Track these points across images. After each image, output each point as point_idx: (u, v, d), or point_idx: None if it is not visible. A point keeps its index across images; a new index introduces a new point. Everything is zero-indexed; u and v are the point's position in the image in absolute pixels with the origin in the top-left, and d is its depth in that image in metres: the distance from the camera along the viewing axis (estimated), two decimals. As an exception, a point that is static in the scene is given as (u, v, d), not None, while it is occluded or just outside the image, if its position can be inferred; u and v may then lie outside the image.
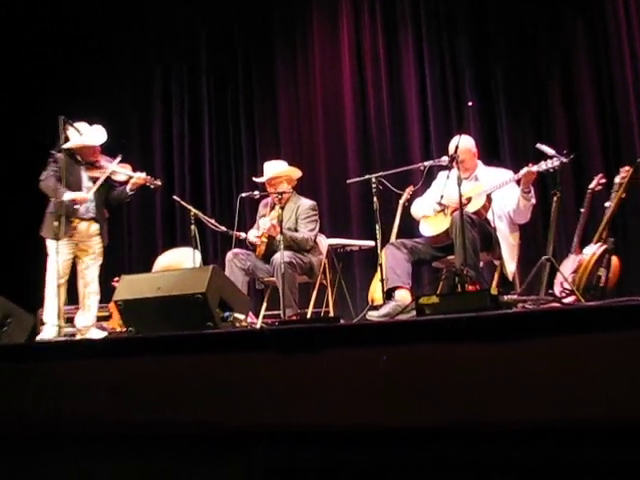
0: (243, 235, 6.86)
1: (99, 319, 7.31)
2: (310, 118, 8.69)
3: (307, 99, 8.67)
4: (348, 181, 6.59)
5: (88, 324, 7.06)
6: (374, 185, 5.92)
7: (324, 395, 3.20)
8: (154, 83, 9.73)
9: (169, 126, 9.56)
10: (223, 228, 6.90)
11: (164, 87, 9.70)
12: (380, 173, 6.06)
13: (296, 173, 7.04)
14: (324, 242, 7.12)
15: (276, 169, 6.96)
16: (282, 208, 6.64)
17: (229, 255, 6.77)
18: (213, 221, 6.97)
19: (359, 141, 8.56)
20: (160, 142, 9.67)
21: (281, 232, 6.29)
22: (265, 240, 6.68)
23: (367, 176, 6.06)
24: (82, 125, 6.78)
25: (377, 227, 5.74)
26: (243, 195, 6.68)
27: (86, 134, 6.75)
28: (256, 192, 6.77)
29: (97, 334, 6.98)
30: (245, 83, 9.08)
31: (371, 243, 7.47)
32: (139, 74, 9.76)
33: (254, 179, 7.16)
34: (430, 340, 3.10)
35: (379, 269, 5.88)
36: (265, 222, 6.65)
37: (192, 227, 6.77)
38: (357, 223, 8.45)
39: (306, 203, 6.90)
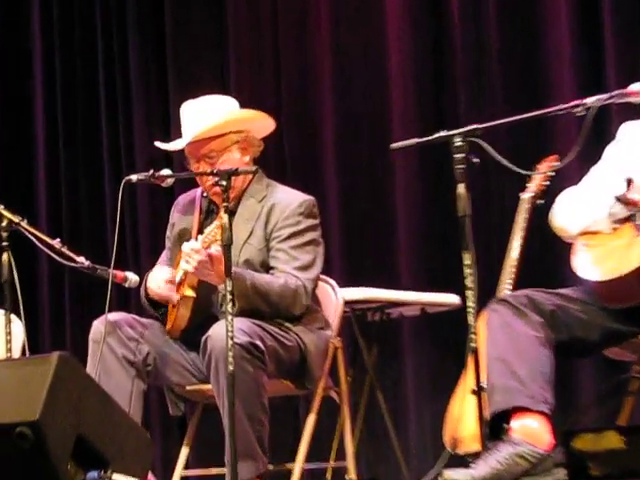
0: (132, 278, 3.72)
1: None
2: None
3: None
4: (394, 146, 3.43)
5: None
6: (460, 156, 3.17)
7: None
8: None
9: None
10: (82, 260, 3.68)
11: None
12: (476, 126, 3.20)
13: (262, 123, 3.88)
14: (334, 297, 3.99)
15: (212, 117, 3.77)
16: (231, 212, 3.46)
17: (97, 328, 3.71)
18: (57, 243, 3.70)
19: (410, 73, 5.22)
20: None
21: (228, 273, 3.29)
22: (190, 294, 3.66)
23: (443, 133, 3.25)
24: None
25: (466, 257, 3.17)
26: (133, 179, 3.56)
27: None
28: (164, 171, 3.62)
29: None
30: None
31: (451, 299, 4.60)
32: None
33: (159, 145, 3.95)
34: None
35: (471, 362, 3.22)
36: (190, 247, 3.53)
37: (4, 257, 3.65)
38: (411, 251, 5.18)
39: (291, 200, 3.76)
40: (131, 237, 5.46)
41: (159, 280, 3.58)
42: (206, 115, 3.68)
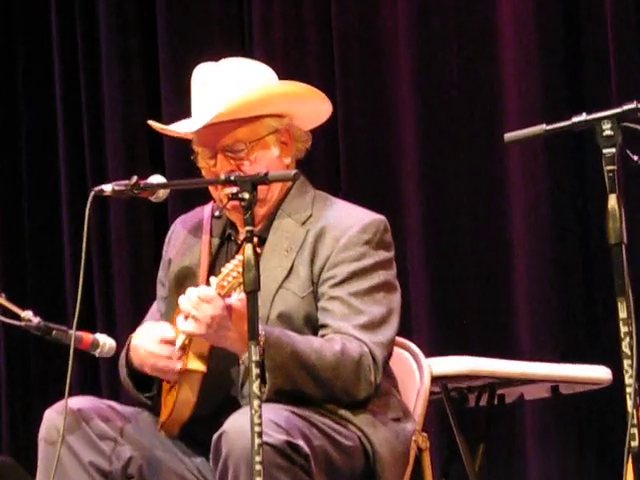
0: (105, 342, 2.80)
1: None
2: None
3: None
4: (508, 136, 2.63)
5: None
6: (611, 151, 2.55)
7: None
8: None
9: None
10: (29, 316, 2.76)
11: None
12: (637, 104, 2.50)
13: (314, 106, 3.05)
14: (418, 371, 3.22)
15: (242, 89, 2.92)
16: (260, 241, 2.62)
17: (52, 421, 2.90)
18: None
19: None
20: None
21: (255, 334, 2.50)
22: (197, 368, 2.79)
23: (583, 116, 2.60)
24: None
25: (621, 307, 2.51)
26: (106, 190, 2.66)
27: None
28: (154, 178, 2.74)
29: None
30: None
31: (597, 373, 3.85)
32: None
33: (155, 126, 2.99)
34: None
35: (631, 471, 2.47)
36: (199, 295, 2.65)
37: None
38: (535, 302, 4.44)
39: (351, 221, 2.91)
40: (101, 281, 4.56)
41: (151, 341, 2.79)
42: (233, 86, 2.90)
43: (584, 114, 2.57)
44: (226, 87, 2.96)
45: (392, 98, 4.62)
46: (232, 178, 2.70)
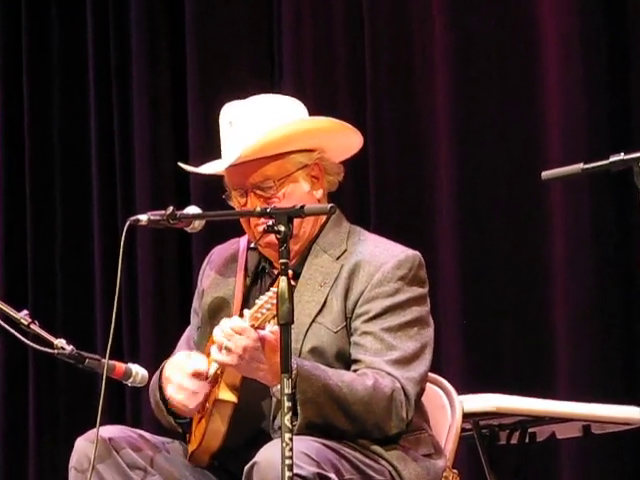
0: (138, 372, 2.78)
1: None
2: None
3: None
4: (546, 175, 2.70)
5: None
6: None
7: None
8: None
9: None
10: (62, 344, 2.76)
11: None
12: None
13: (344, 139, 3.07)
14: (449, 408, 3.22)
15: (269, 127, 2.95)
16: (294, 275, 2.67)
17: (83, 450, 2.89)
18: (24, 317, 2.80)
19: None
20: None
21: (286, 369, 2.54)
22: (228, 399, 2.82)
23: (623, 155, 2.65)
24: None
25: None
26: (142, 219, 2.70)
27: None
28: (191, 209, 2.78)
29: None
30: None
31: (631, 413, 3.81)
32: None
33: (185, 167, 3.09)
34: None
35: None
36: (232, 326, 2.69)
37: None
38: (572, 339, 4.36)
39: (386, 257, 2.92)
40: (127, 311, 4.52)
41: (183, 371, 2.79)
42: (259, 124, 2.90)
43: (622, 154, 2.56)
44: (252, 126, 2.97)
45: (426, 129, 4.56)
46: (268, 210, 2.70)
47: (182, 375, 2.82)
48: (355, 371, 2.85)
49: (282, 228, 2.58)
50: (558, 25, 4.44)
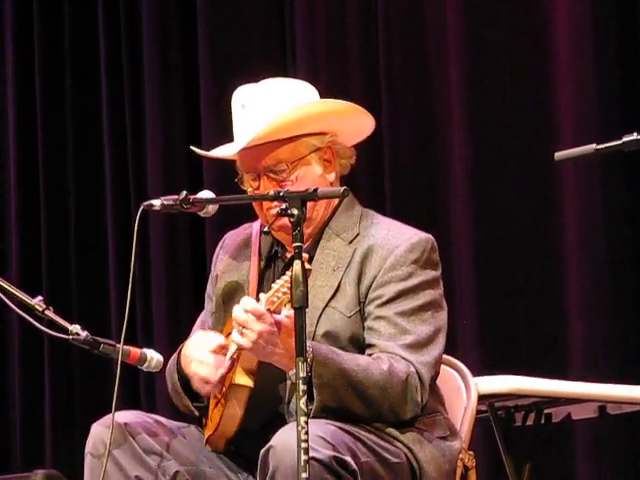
0: (153, 357, 2.76)
1: None
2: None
3: None
4: (559, 155, 2.60)
5: None
6: None
7: None
8: None
9: None
10: (77, 330, 2.72)
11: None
12: None
13: (356, 122, 3.03)
14: (464, 390, 3.17)
15: (282, 109, 2.93)
16: (309, 258, 2.62)
17: (99, 435, 2.88)
18: (38, 303, 2.75)
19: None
20: None
21: (301, 352, 2.48)
22: (244, 383, 2.81)
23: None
24: None
25: None
26: (155, 204, 2.65)
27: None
28: (204, 194, 2.76)
29: None
30: None
31: None
32: None
33: (198, 151, 3.08)
34: None
35: None
36: (248, 309, 2.63)
37: None
38: (586, 320, 4.29)
39: (399, 240, 2.88)
40: (141, 296, 4.52)
41: (203, 348, 2.79)
42: (272, 107, 2.88)
43: (635, 134, 2.52)
44: (264, 109, 2.96)
45: (440, 113, 4.54)
46: (281, 194, 2.68)
47: (203, 351, 2.81)
48: (369, 355, 2.83)
49: (295, 211, 2.57)
50: (569, 9, 4.42)
